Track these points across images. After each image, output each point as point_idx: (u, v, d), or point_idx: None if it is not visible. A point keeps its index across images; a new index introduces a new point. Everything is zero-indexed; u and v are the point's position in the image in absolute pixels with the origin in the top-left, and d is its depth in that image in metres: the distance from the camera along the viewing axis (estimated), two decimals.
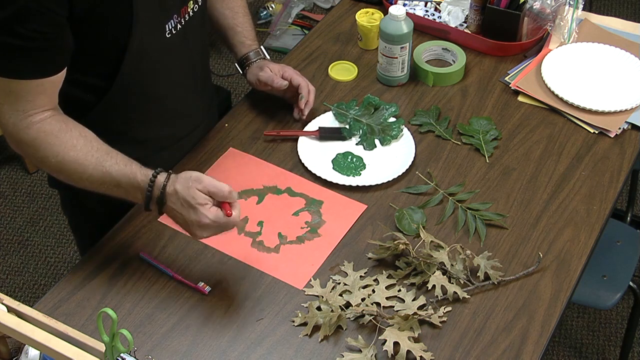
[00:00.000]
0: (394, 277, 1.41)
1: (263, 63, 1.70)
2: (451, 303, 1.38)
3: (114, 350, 1.06)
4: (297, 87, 1.67)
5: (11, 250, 2.74)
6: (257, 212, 1.54)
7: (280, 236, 1.50)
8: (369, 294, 1.38)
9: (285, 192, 1.58)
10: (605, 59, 1.85)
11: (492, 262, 1.42)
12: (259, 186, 1.59)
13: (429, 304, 1.37)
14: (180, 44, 1.50)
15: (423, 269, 1.41)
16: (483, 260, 1.42)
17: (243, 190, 1.58)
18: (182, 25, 1.48)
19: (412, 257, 1.42)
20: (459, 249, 1.42)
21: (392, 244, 1.41)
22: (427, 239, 1.43)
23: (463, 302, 1.38)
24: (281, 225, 1.52)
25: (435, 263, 1.41)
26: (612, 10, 3.64)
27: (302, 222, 1.53)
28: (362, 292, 1.38)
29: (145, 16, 1.39)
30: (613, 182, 1.60)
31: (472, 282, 1.40)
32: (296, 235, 1.50)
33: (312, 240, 1.49)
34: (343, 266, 1.44)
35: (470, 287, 1.40)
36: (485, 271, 1.41)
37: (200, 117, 1.70)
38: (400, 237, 1.42)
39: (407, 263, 1.43)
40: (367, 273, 1.42)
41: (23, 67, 1.30)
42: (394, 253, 1.44)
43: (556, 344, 2.42)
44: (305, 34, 3.42)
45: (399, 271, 1.42)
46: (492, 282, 1.40)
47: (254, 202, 1.56)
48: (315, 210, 1.54)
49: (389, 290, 1.39)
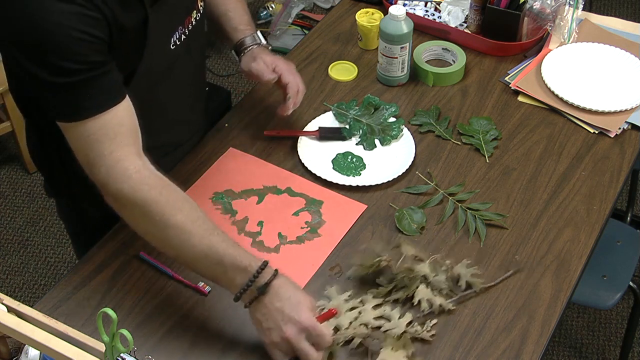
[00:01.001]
0: (379, 296, 1.37)
1: (257, 52, 1.63)
2: (437, 315, 1.35)
3: (114, 350, 1.06)
4: (285, 86, 1.61)
5: (11, 250, 2.74)
6: (257, 212, 1.54)
7: (280, 236, 1.50)
8: (356, 316, 1.34)
9: (285, 192, 1.58)
10: (605, 59, 1.85)
11: (472, 270, 1.40)
12: (259, 186, 1.59)
13: (415, 320, 1.34)
14: (183, 54, 1.48)
15: (406, 284, 1.38)
16: (463, 269, 1.40)
17: (243, 190, 1.58)
18: (186, 35, 1.46)
19: (394, 273, 1.39)
20: (439, 259, 1.40)
21: (374, 262, 1.38)
22: (407, 252, 1.40)
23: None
24: (281, 225, 1.52)
25: (418, 276, 1.38)
26: (612, 10, 3.64)
27: (302, 222, 1.52)
28: (348, 315, 1.33)
29: (156, 38, 1.37)
30: (613, 182, 1.60)
31: (455, 292, 1.38)
32: (296, 235, 1.50)
33: (312, 240, 1.49)
34: (326, 291, 1.39)
35: (454, 297, 1.37)
36: (465, 280, 1.39)
37: (199, 122, 1.69)
38: (381, 253, 1.39)
39: (388, 279, 1.39)
40: (350, 295, 1.38)
41: (89, 102, 1.23)
42: (375, 271, 1.40)
43: (556, 344, 2.42)
44: (305, 34, 3.42)
45: (381, 289, 1.38)
46: (474, 290, 1.38)
47: (254, 202, 1.56)
48: (315, 210, 1.54)
49: (376, 310, 1.35)
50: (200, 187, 1.58)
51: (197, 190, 1.58)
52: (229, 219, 1.53)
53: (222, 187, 1.58)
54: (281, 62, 1.62)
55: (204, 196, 1.56)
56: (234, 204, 1.55)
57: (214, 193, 1.57)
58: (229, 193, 1.57)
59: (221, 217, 1.53)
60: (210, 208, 1.54)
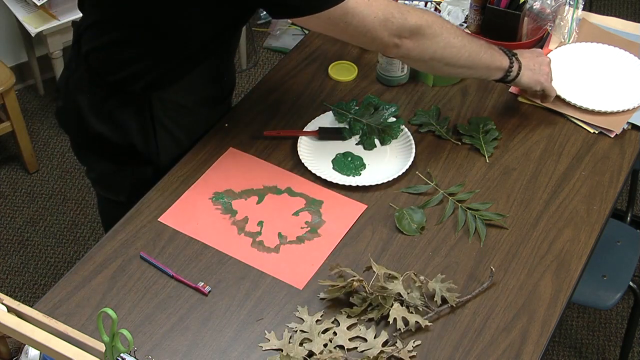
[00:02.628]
0: (353, 315, 1.35)
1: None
2: (415, 334, 1.33)
3: (114, 350, 1.06)
4: None
5: (11, 250, 2.74)
6: (257, 212, 1.54)
7: (280, 236, 1.50)
8: (330, 338, 1.31)
9: (285, 192, 1.58)
10: (604, 59, 1.85)
11: (447, 285, 1.38)
12: (259, 186, 1.59)
13: (391, 339, 1.33)
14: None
15: (380, 302, 1.35)
16: (437, 284, 1.38)
17: (243, 190, 1.58)
18: None
19: (367, 293, 1.36)
20: (413, 276, 1.37)
21: (346, 282, 1.36)
22: (379, 271, 1.37)
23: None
24: (281, 225, 1.52)
25: (392, 294, 1.36)
26: (612, 10, 3.65)
27: (302, 222, 1.52)
28: (322, 338, 1.31)
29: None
30: (613, 182, 1.60)
31: (431, 308, 1.36)
32: (296, 235, 1.50)
33: (312, 240, 1.49)
34: (297, 312, 1.36)
35: (431, 313, 1.35)
36: (441, 295, 1.37)
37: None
38: (353, 273, 1.37)
39: (361, 299, 1.36)
40: (323, 316, 1.35)
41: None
42: (348, 291, 1.37)
43: (556, 344, 2.42)
44: (305, 34, 3.42)
45: (355, 308, 1.35)
46: (449, 304, 1.37)
47: (254, 202, 1.56)
48: (315, 210, 1.54)
49: (351, 331, 1.33)
50: (201, 187, 1.58)
51: (197, 190, 1.58)
52: (229, 219, 1.53)
53: (222, 187, 1.58)
54: None
55: (204, 196, 1.56)
56: (234, 204, 1.55)
57: (214, 193, 1.57)
58: (229, 193, 1.57)
59: (221, 217, 1.53)
60: (210, 208, 1.54)
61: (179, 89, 1.57)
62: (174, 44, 1.49)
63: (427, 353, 1.32)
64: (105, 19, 1.53)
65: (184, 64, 1.54)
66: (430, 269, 1.44)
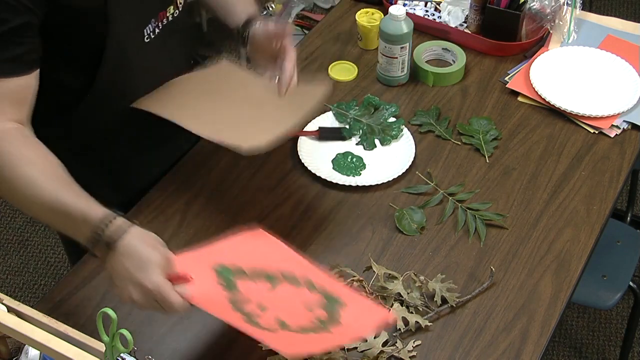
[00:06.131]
0: None
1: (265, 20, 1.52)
2: (415, 334, 1.33)
3: (114, 350, 1.06)
4: (281, 66, 1.46)
5: (11, 250, 2.74)
6: (263, 298, 1.20)
7: (280, 323, 1.16)
8: None
9: (304, 285, 1.23)
10: (593, 62, 1.83)
11: (447, 285, 1.38)
12: (274, 270, 1.24)
13: (391, 339, 1.33)
14: (160, 48, 1.46)
15: (380, 303, 1.35)
16: (437, 284, 1.38)
17: (254, 271, 1.24)
18: (159, 29, 1.44)
19: (367, 293, 1.36)
20: (413, 276, 1.37)
21: (346, 283, 1.35)
22: (379, 271, 1.37)
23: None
24: (286, 315, 1.18)
25: (392, 294, 1.36)
26: (612, 10, 3.65)
27: (313, 317, 1.18)
28: None
29: (121, 17, 1.34)
30: (613, 182, 1.60)
31: (431, 308, 1.36)
32: (301, 327, 1.16)
33: (317, 333, 1.16)
34: None
35: (430, 313, 1.35)
36: (441, 295, 1.37)
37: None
38: (353, 273, 1.37)
39: None
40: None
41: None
42: None
43: (556, 344, 2.42)
44: (305, 34, 3.42)
45: None
46: (449, 304, 1.37)
47: (264, 288, 1.21)
48: (334, 310, 1.20)
49: None
50: (206, 253, 1.25)
51: (202, 254, 1.24)
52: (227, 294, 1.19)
53: (230, 261, 1.23)
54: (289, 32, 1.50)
55: (207, 262, 1.23)
56: (239, 284, 1.20)
57: (219, 264, 1.22)
58: (237, 270, 1.22)
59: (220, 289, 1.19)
60: (212, 276, 1.21)
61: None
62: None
63: (427, 353, 1.32)
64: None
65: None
66: (430, 269, 1.44)
